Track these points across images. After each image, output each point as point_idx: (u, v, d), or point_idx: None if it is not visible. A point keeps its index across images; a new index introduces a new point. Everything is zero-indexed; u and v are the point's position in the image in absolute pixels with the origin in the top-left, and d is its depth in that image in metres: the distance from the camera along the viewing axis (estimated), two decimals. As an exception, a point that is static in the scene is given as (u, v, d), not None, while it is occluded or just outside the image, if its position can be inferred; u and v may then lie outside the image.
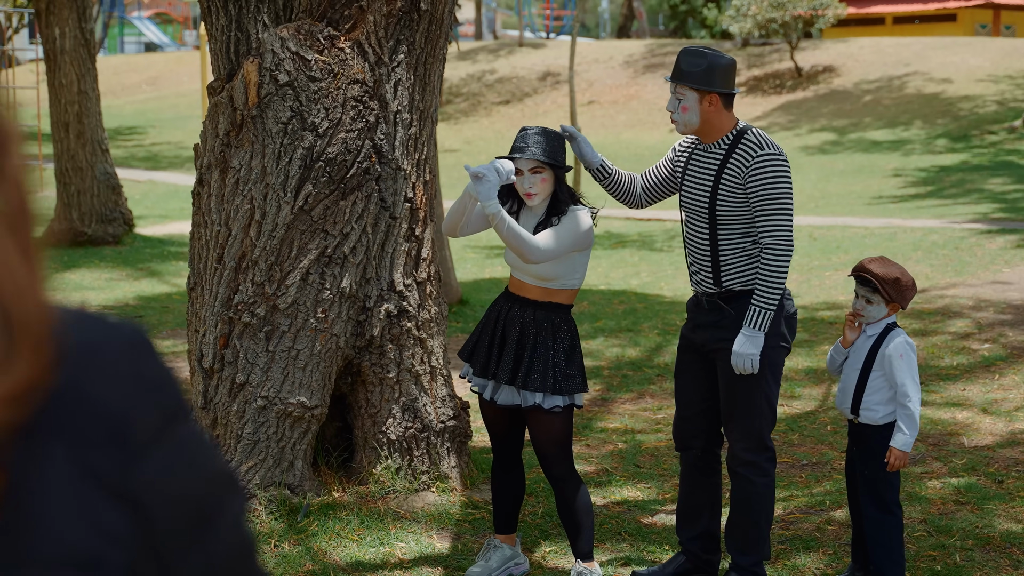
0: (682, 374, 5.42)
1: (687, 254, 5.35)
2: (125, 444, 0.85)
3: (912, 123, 28.20)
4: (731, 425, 5.21)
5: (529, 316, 5.21)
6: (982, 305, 10.86)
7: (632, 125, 30.98)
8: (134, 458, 0.86)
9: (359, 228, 5.93)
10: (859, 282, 5.24)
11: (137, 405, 0.87)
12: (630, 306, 11.78)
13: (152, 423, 0.88)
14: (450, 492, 6.22)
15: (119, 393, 0.86)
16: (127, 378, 0.87)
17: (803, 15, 32.24)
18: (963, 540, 5.76)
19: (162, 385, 0.90)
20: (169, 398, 0.90)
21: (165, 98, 38.18)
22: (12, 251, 0.81)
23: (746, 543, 5.23)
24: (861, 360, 5.25)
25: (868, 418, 5.21)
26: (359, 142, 5.88)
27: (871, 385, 5.21)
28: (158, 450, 0.87)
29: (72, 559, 0.82)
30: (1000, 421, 7.71)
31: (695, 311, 5.35)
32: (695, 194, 5.20)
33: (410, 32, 6.06)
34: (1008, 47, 33.13)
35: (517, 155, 5.17)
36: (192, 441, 0.91)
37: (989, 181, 21.01)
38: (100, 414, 0.85)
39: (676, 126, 5.19)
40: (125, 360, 0.88)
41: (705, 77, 5.08)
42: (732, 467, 5.24)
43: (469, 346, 5.36)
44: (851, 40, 36.51)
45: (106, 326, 0.89)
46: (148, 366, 0.89)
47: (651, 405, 8.33)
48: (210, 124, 5.98)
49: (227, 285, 5.89)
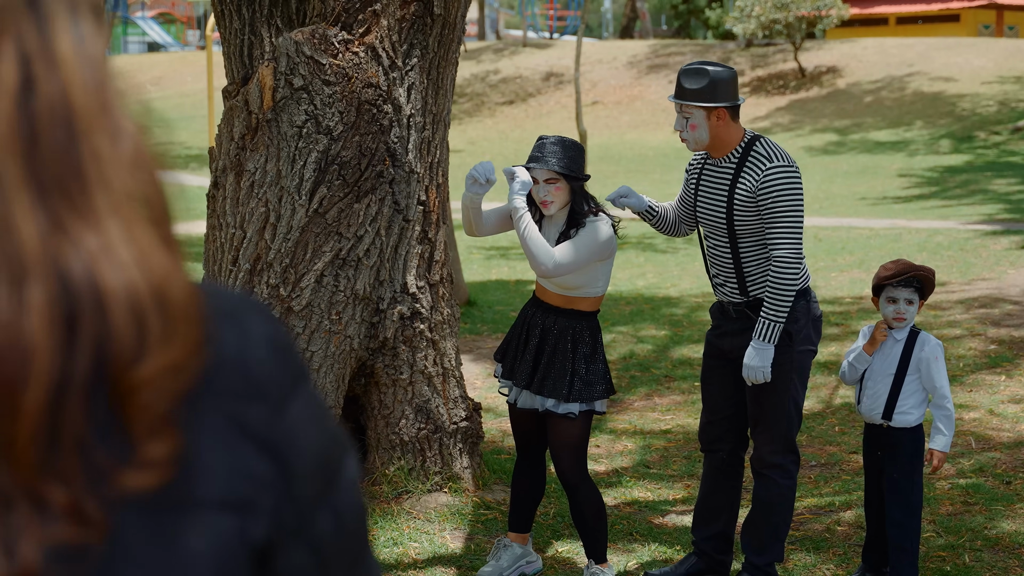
0: (709, 379, 5.45)
1: (708, 265, 5.38)
2: (266, 398, 0.93)
3: (916, 124, 28.23)
4: (759, 428, 5.25)
5: (551, 322, 5.26)
6: (988, 306, 10.90)
7: (636, 126, 31.02)
8: (274, 411, 0.93)
9: (373, 231, 5.97)
10: (900, 284, 5.23)
11: (273, 364, 0.95)
12: (636, 307, 11.82)
13: (286, 380, 0.95)
14: (462, 493, 6.27)
15: (257, 354, 0.94)
16: (261, 340, 0.95)
17: (806, 16, 32.28)
18: (972, 541, 5.80)
19: (289, 346, 0.98)
20: (296, 358, 0.98)
21: (169, 98, 38.24)
22: (156, 236, 0.88)
23: (762, 544, 5.29)
24: (894, 365, 5.25)
25: (903, 422, 5.24)
26: (373, 145, 5.93)
27: (906, 389, 5.23)
28: (292, 407, 0.95)
29: (229, 503, 0.90)
30: (1007, 422, 7.75)
31: (721, 318, 5.37)
32: (712, 210, 5.23)
33: (423, 36, 6.10)
34: (1011, 47, 33.15)
35: (533, 165, 5.22)
36: (315, 401, 0.99)
37: (993, 182, 21.04)
38: (243, 372, 0.93)
39: (687, 144, 5.23)
40: (258, 324, 0.96)
41: (709, 93, 5.11)
42: (757, 469, 5.30)
43: (503, 347, 5.47)
44: (855, 41, 36.55)
45: (238, 296, 0.98)
46: (277, 330, 0.98)
47: (660, 406, 8.37)
48: (225, 127, 6.02)
49: (242, 287, 5.94)
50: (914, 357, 5.23)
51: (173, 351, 0.86)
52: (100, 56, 0.89)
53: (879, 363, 5.29)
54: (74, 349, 0.83)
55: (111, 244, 0.84)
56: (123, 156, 0.88)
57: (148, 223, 0.88)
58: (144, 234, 0.86)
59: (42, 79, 0.85)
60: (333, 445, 1.00)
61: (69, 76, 0.86)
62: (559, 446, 5.31)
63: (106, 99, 0.89)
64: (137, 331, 0.84)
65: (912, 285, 5.23)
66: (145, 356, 0.85)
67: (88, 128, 0.86)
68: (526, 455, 5.55)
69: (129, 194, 0.87)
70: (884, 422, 5.26)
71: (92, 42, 0.89)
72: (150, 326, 0.85)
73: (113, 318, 0.83)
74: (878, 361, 5.29)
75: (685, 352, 9.87)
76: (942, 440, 5.20)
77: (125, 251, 0.85)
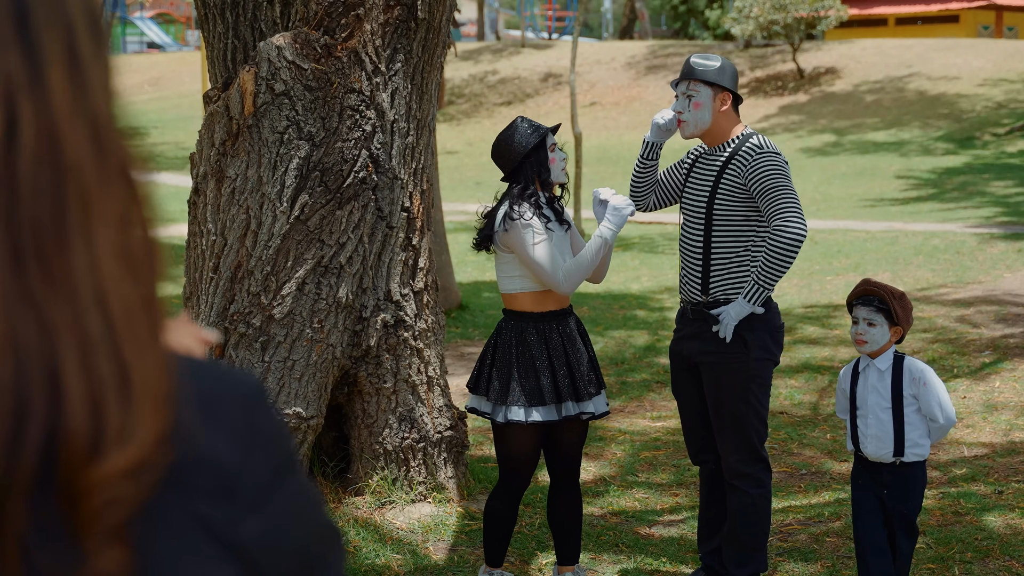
0: (679, 390, 5.38)
1: (680, 260, 5.30)
2: (236, 499, 0.85)
3: (914, 125, 28.16)
4: (722, 438, 5.15)
5: (559, 327, 5.22)
6: (983, 310, 10.82)
7: (634, 127, 30.93)
8: (245, 513, 0.86)
9: (355, 238, 5.90)
10: (860, 303, 4.90)
11: (249, 460, 0.87)
12: (630, 312, 11.75)
13: (263, 478, 0.87)
14: (447, 503, 6.20)
15: (233, 447, 0.86)
16: (242, 432, 0.87)
17: (805, 17, 32.20)
18: (962, 552, 5.73)
19: (275, 439, 0.90)
20: (281, 452, 0.90)
21: (167, 98, 38.17)
22: (136, 302, 0.79)
23: (743, 556, 5.20)
24: (888, 398, 4.91)
25: (916, 455, 4.90)
26: (355, 151, 5.86)
27: (909, 421, 4.89)
28: (268, 505, 0.87)
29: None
30: (1000, 429, 7.67)
31: (680, 322, 5.32)
32: (694, 195, 5.18)
33: (407, 41, 6.03)
34: (1011, 48, 33.07)
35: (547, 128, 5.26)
36: (300, 495, 0.91)
37: (991, 184, 20.96)
38: (214, 468, 0.84)
39: (684, 128, 5.15)
40: (240, 413, 0.87)
41: (719, 75, 5.11)
42: (728, 479, 5.20)
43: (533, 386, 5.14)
44: (853, 42, 36.47)
45: (223, 377, 0.89)
46: (262, 420, 0.89)
47: (650, 413, 8.30)
48: (206, 133, 5.95)
49: (223, 295, 5.86)
50: (905, 391, 4.88)
51: (133, 449, 0.77)
52: (99, 87, 0.79)
53: (872, 399, 4.93)
54: (21, 441, 0.74)
55: (80, 316, 0.76)
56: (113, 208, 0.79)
57: (130, 282, 0.79)
58: (120, 301, 0.78)
59: (27, 121, 0.75)
60: (316, 541, 0.93)
61: (60, 118, 0.76)
62: (578, 445, 5.34)
63: (102, 142, 0.80)
64: (94, 424, 0.76)
65: (872, 304, 4.84)
66: (101, 454, 0.76)
67: (78, 178, 0.77)
68: (520, 489, 5.33)
69: (114, 250, 0.78)
70: (897, 459, 4.91)
71: (91, 71, 0.79)
72: (109, 418, 0.76)
73: (68, 407, 0.75)
74: (870, 397, 4.95)
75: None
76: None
77: (95, 324, 0.76)
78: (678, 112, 5.15)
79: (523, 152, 5.16)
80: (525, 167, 5.18)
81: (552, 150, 5.23)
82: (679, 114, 5.14)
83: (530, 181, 5.19)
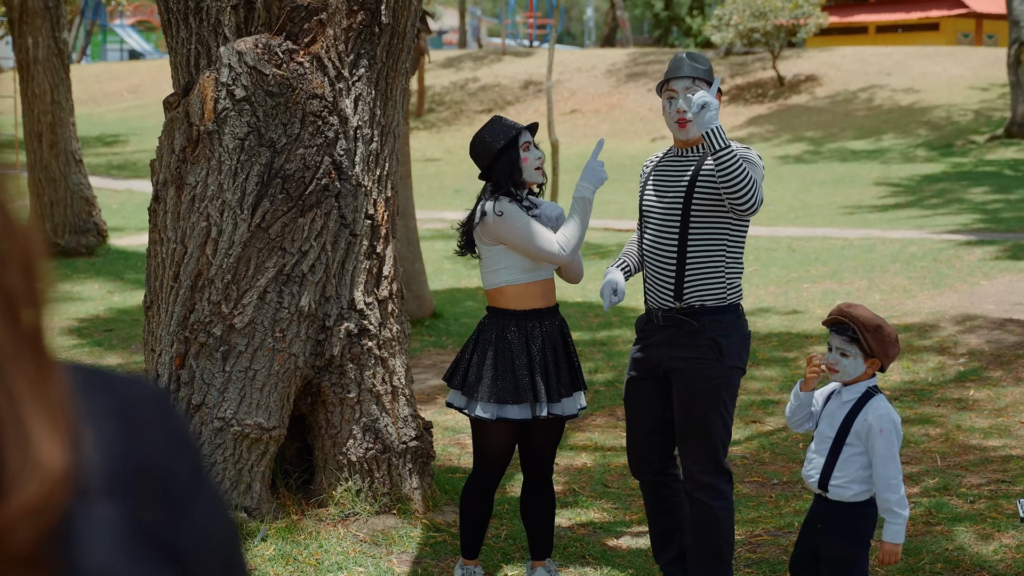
0: (634, 397, 5.24)
1: (645, 269, 5.16)
2: (169, 502, 0.85)
3: (893, 132, 28.18)
4: (688, 447, 5.03)
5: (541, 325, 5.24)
6: (959, 318, 10.77)
7: (614, 134, 30.90)
8: (177, 515, 0.85)
9: (318, 246, 5.81)
10: (834, 331, 4.60)
11: (174, 462, 0.87)
12: (605, 319, 11.68)
13: (188, 479, 0.87)
14: (411, 515, 6.11)
15: (159, 449, 0.86)
16: (164, 434, 0.87)
17: (785, 24, 32.22)
18: (932, 564, 5.66)
19: (190, 438, 0.90)
20: (198, 451, 0.91)
21: (147, 106, 38.03)
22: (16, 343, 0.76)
23: (707, 569, 5.09)
24: (835, 429, 4.60)
25: (838, 495, 4.57)
26: (318, 158, 5.77)
27: (844, 459, 4.56)
28: (195, 505, 0.87)
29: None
30: (974, 438, 7.62)
31: (646, 329, 5.17)
32: (664, 201, 5.03)
33: (371, 46, 5.95)
34: (990, 56, 33.15)
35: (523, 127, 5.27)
36: (216, 493, 0.91)
37: (970, 191, 20.96)
38: (145, 471, 0.84)
39: (688, 129, 5.00)
40: (160, 417, 0.88)
41: (711, 76, 5.09)
42: (689, 491, 5.06)
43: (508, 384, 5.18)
44: (834, 49, 36.51)
45: (135, 385, 0.89)
46: (178, 421, 0.89)
47: (622, 423, 8.22)
48: (166, 139, 5.86)
49: (183, 304, 5.77)
50: (857, 421, 4.55)
51: (37, 486, 0.72)
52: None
53: (825, 424, 4.66)
54: None
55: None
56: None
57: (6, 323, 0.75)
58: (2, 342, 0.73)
59: None
60: (233, 539, 0.92)
61: None
62: (551, 443, 5.39)
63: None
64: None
65: (846, 334, 4.55)
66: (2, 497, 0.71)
67: None
68: (493, 483, 5.43)
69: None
70: (821, 492, 4.63)
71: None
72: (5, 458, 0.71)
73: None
74: (824, 421, 4.67)
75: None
76: (893, 530, 4.49)
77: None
78: (681, 112, 4.98)
79: (495, 150, 5.19)
80: (497, 165, 5.21)
81: (526, 148, 5.20)
82: (682, 113, 4.97)
83: (502, 179, 5.20)
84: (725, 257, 4.98)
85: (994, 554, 5.76)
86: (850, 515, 4.59)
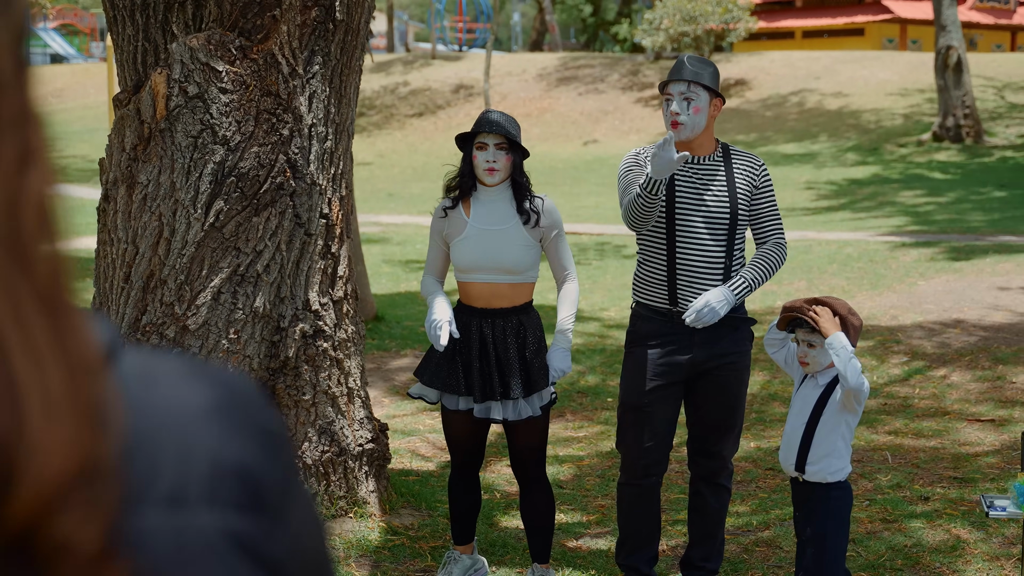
0: (659, 404, 5.16)
1: (677, 277, 5.09)
2: (264, 508, 0.77)
3: (823, 136, 28.44)
4: (728, 436, 5.24)
5: (496, 325, 5.21)
6: (899, 318, 10.86)
7: (546, 138, 30.93)
8: (275, 522, 0.78)
9: (273, 245, 5.71)
10: (791, 328, 4.75)
11: (272, 465, 0.79)
12: (548, 321, 11.62)
13: (282, 483, 0.80)
14: (368, 518, 6.02)
15: (256, 453, 0.78)
16: (258, 435, 0.79)
17: (715, 29, 32.42)
18: (892, 560, 5.67)
19: (284, 439, 0.83)
20: (292, 454, 0.83)
21: (71, 110, 37.52)
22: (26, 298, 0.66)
23: (714, 551, 5.36)
24: (808, 410, 4.72)
25: (815, 475, 4.69)
26: (272, 156, 5.67)
27: (819, 440, 4.68)
28: (289, 512, 0.80)
29: None
30: (922, 436, 7.66)
31: (672, 332, 5.12)
32: (707, 207, 5.06)
33: (325, 43, 5.86)
34: (915, 61, 33.59)
35: (485, 130, 5.22)
36: (308, 495, 0.85)
37: (901, 194, 21.20)
38: (241, 476, 0.76)
39: (680, 130, 5.04)
40: (256, 417, 0.80)
41: (714, 80, 5.10)
42: (716, 480, 5.29)
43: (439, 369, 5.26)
44: (763, 54, 36.82)
45: (230, 380, 0.82)
46: (270, 420, 0.82)
47: (572, 423, 8.19)
48: (116, 138, 5.73)
49: (135, 306, 5.65)
50: (830, 402, 4.69)
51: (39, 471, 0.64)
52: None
53: (798, 406, 4.78)
54: None
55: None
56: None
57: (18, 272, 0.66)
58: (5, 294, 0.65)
59: None
60: (327, 548, 0.85)
61: None
62: (530, 446, 5.34)
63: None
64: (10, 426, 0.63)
65: (804, 326, 4.66)
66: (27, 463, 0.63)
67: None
68: (468, 471, 5.48)
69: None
70: (798, 475, 4.74)
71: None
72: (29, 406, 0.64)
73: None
74: (797, 404, 4.79)
75: (597, 368, 9.70)
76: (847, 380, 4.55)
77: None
78: (675, 114, 5.03)
79: (461, 140, 5.32)
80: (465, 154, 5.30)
81: (481, 148, 5.19)
82: (676, 115, 5.03)
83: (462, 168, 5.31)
84: (744, 254, 5.19)
85: (952, 549, 5.78)
86: (826, 496, 4.71)
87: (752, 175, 5.10)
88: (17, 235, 0.66)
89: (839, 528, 4.71)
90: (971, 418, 7.98)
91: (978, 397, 8.46)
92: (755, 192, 5.09)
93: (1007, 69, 32.40)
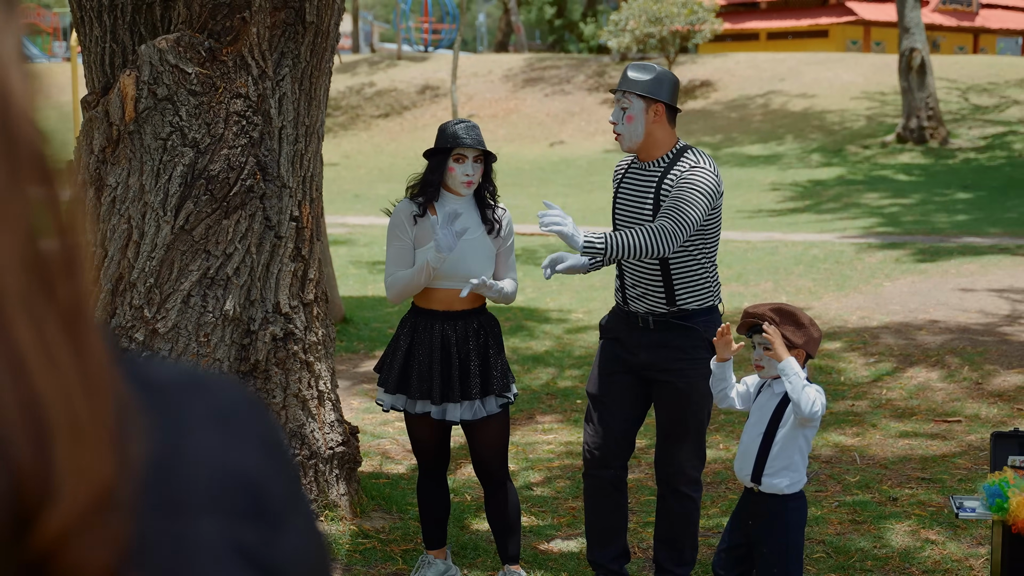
0: (612, 393, 5.25)
1: (624, 275, 5.18)
2: (267, 517, 0.77)
3: (788, 138, 28.56)
4: (682, 444, 5.18)
5: (457, 327, 5.21)
6: (865, 319, 10.91)
7: (512, 139, 30.94)
8: (276, 530, 0.77)
9: (243, 248, 5.68)
10: (752, 332, 4.67)
11: (272, 473, 0.79)
12: (516, 323, 11.64)
13: (284, 491, 0.80)
14: (339, 521, 6.00)
15: (257, 461, 0.78)
16: (259, 443, 0.79)
17: (680, 30, 32.51)
18: (862, 561, 5.69)
19: (285, 447, 0.82)
20: (292, 460, 0.83)
21: (34, 111, 37.24)
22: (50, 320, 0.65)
23: (683, 556, 5.32)
24: (765, 421, 4.65)
25: (771, 487, 4.61)
26: (242, 159, 5.64)
27: (776, 452, 4.61)
28: (292, 520, 0.79)
29: None
30: (890, 436, 7.70)
31: (628, 331, 5.19)
32: (636, 214, 5.07)
33: (295, 45, 5.84)
34: (879, 63, 33.77)
35: (463, 143, 5.15)
36: (309, 504, 0.84)
37: (866, 195, 21.31)
38: (242, 484, 0.76)
39: (621, 142, 5.08)
40: (256, 425, 0.80)
41: (653, 87, 5.03)
42: (675, 486, 5.24)
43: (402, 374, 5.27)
44: (728, 55, 36.95)
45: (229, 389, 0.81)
46: (271, 428, 0.82)
47: (542, 424, 8.19)
48: (84, 140, 5.70)
49: (103, 309, 5.61)
50: (786, 414, 4.60)
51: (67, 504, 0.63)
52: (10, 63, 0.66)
53: (756, 416, 4.70)
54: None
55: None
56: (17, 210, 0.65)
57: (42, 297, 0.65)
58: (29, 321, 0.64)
59: None
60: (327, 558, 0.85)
61: None
62: (491, 446, 5.33)
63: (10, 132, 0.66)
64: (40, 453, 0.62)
65: (759, 329, 4.61)
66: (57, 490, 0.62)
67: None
68: (435, 473, 5.49)
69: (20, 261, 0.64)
70: (754, 485, 4.66)
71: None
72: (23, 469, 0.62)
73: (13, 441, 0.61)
74: (755, 414, 4.71)
75: (566, 369, 9.71)
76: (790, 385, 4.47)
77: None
78: (612, 123, 5.10)
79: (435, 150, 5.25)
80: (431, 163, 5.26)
81: (459, 160, 5.17)
82: (614, 125, 5.09)
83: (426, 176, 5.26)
84: (704, 260, 5.07)
85: (921, 550, 5.81)
86: (782, 508, 4.64)
87: (677, 177, 4.95)
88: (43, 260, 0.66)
89: (799, 539, 4.70)
90: (939, 419, 8.03)
91: (945, 398, 8.50)
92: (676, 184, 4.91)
93: (970, 71, 32.63)
